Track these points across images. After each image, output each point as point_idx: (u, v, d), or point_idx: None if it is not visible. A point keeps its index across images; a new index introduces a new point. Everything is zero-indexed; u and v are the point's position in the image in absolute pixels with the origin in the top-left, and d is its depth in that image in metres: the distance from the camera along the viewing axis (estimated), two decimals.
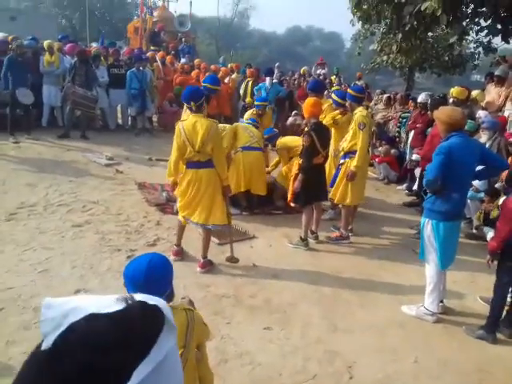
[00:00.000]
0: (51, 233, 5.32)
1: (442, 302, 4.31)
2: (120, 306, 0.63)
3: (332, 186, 5.85)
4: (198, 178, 4.62)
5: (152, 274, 1.93)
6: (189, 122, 4.53)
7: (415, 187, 7.81)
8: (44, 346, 0.60)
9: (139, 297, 0.67)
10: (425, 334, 3.99)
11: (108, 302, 0.63)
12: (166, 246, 5.29)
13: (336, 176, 5.87)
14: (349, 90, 6.12)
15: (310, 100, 5.62)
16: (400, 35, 13.62)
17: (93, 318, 0.60)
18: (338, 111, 6.32)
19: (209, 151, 4.53)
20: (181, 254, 5.04)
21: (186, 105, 4.82)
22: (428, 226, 4.09)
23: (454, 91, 7.77)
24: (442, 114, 4.05)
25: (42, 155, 8.17)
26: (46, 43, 9.64)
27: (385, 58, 16.13)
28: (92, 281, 4.37)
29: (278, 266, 4.99)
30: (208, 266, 4.84)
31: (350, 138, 5.68)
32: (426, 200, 4.19)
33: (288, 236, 5.79)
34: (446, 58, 18.08)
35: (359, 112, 5.65)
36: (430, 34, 16.06)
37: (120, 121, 11.11)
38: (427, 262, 4.18)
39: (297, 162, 5.67)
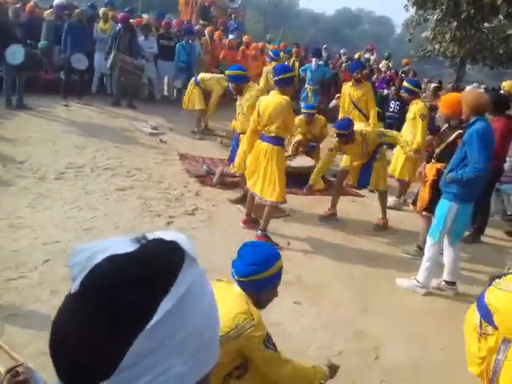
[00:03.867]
0: (96, 194, 5.56)
1: (454, 284, 4.44)
2: (135, 246, 0.64)
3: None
4: (260, 149, 4.90)
5: None
6: (266, 97, 4.96)
7: None
8: (73, 290, 0.63)
9: (156, 234, 0.68)
10: (455, 323, 4.00)
11: (126, 242, 0.65)
12: (204, 215, 5.44)
13: None
14: (405, 84, 6.45)
15: (454, 96, 4.80)
16: (455, 23, 13.22)
17: (111, 259, 0.62)
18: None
19: (273, 128, 4.77)
20: (248, 224, 5.29)
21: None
22: (454, 209, 4.15)
23: (506, 85, 7.58)
24: (469, 95, 4.20)
25: (91, 120, 8.44)
26: (101, 11, 9.85)
27: (437, 46, 15.62)
28: None
29: (312, 246, 5.07)
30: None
31: (407, 130, 6.13)
32: (448, 184, 4.20)
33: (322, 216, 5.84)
34: (501, 51, 17.35)
35: (418, 104, 6.13)
36: (486, 24, 15.44)
37: (166, 92, 11.29)
38: (434, 238, 4.27)
39: (434, 167, 4.74)
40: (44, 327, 2.91)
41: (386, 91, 10.92)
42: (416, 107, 6.13)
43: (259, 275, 2.14)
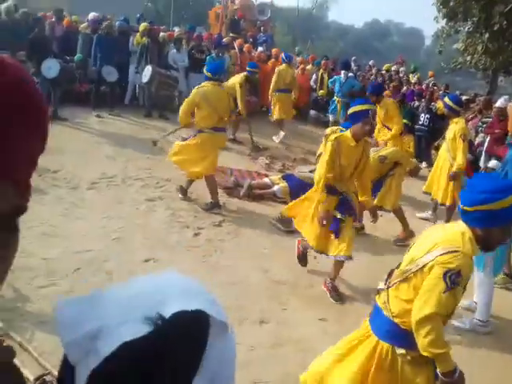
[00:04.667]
0: (127, 204, 5.69)
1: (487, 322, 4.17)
2: (149, 327, 0.56)
3: None
4: None
5: None
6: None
7: None
8: (81, 381, 0.56)
9: (175, 304, 0.59)
10: (480, 350, 3.90)
11: (133, 319, 0.57)
12: (231, 227, 5.48)
13: None
14: (446, 100, 6.28)
15: None
16: (487, 35, 12.98)
17: (128, 349, 0.55)
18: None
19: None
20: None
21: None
22: None
23: None
24: None
25: (122, 131, 8.64)
26: (142, 26, 10.08)
27: (468, 58, 15.36)
28: (161, 252, 4.65)
29: None
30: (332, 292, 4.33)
31: (446, 150, 6.01)
32: None
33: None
34: None
35: (458, 123, 5.94)
36: None
37: None
38: (483, 271, 4.03)
39: None
40: None
41: (416, 103, 10.80)
42: (457, 127, 5.91)
43: (491, 205, 1.88)
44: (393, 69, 14.58)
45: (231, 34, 14.06)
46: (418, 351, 1.99)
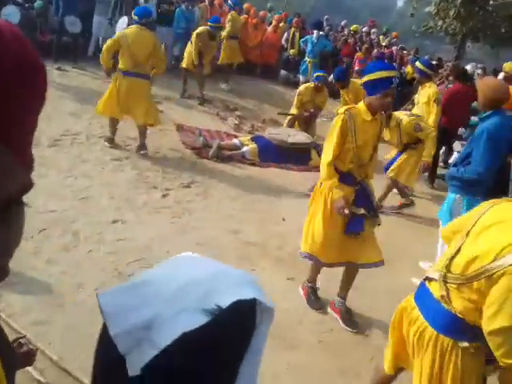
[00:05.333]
0: (92, 163, 5.53)
1: None
2: (207, 317, 0.57)
3: None
4: None
5: None
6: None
7: (451, 160, 7.69)
8: (131, 371, 0.55)
9: (230, 293, 0.60)
10: None
11: (189, 308, 0.57)
12: (200, 188, 5.44)
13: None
14: (417, 64, 6.26)
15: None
16: (459, 0, 13.00)
17: (187, 341, 0.55)
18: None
19: None
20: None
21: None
22: (458, 203, 3.98)
23: (508, 66, 7.54)
24: (486, 86, 3.77)
25: (86, 85, 8.30)
26: None
27: (439, 22, 15.39)
28: (128, 214, 4.58)
29: None
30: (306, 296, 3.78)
31: (422, 112, 5.84)
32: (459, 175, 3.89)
33: None
34: (503, 30, 17.15)
35: (431, 87, 5.95)
36: (491, 1, 15.19)
37: None
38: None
39: None
40: (40, 296, 2.93)
41: None
42: (430, 91, 5.94)
43: None
44: (364, 30, 14.46)
45: None
46: (480, 341, 1.90)
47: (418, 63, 6.41)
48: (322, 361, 3.16)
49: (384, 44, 13.25)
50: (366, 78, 3.20)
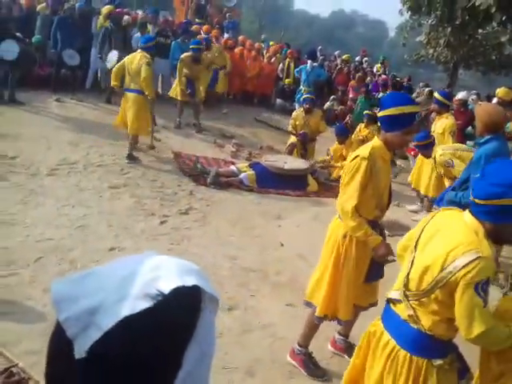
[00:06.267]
0: (89, 192, 5.53)
1: None
2: (149, 303, 0.59)
3: None
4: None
5: None
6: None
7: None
8: (77, 354, 0.57)
9: (172, 280, 0.62)
10: None
11: (133, 297, 0.59)
12: (198, 215, 5.43)
13: None
14: (436, 95, 6.38)
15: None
16: (449, 29, 13.28)
17: (129, 324, 0.58)
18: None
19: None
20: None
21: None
22: None
23: (500, 92, 7.66)
24: (483, 111, 3.85)
25: (84, 116, 8.37)
26: (106, 8, 9.71)
27: (430, 51, 15.71)
28: (126, 241, 4.55)
29: (305, 247, 5.07)
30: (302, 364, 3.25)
31: (437, 142, 5.96)
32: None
33: (317, 218, 5.85)
34: (493, 57, 17.52)
35: (448, 119, 6.05)
36: (480, 30, 15.55)
37: (160, 90, 11.22)
38: None
39: None
40: (35, 326, 2.87)
41: (381, 94, 10.99)
42: (447, 122, 6.01)
43: (505, 200, 1.72)
44: (356, 59, 14.75)
45: (197, 20, 13.83)
46: (451, 355, 1.97)
47: (436, 94, 6.47)
48: None
49: (379, 73, 13.50)
50: (385, 113, 2.78)
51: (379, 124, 3.07)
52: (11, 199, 4.96)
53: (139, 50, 6.65)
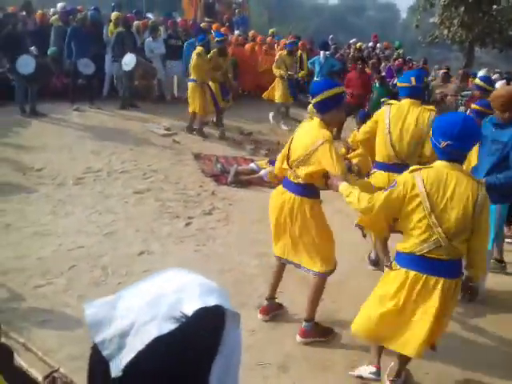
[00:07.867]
0: (115, 198, 5.66)
1: None
2: (174, 325, 0.65)
3: None
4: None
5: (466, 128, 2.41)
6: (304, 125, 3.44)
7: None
8: (113, 373, 0.64)
9: (194, 302, 0.67)
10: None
11: (159, 317, 0.65)
12: (222, 215, 5.51)
13: None
14: (477, 81, 6.09)
15: None
16: (463, 8, 13.06)
17: (157, 345, 0.63)
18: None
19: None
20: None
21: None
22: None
23: None
24: (507, 92, 3.77)
25: (103, 124, 8.53)
26: (114, 14, 9.85)
27: (445, 31, 15.45)
28: (153, 244, 4.66)
29: None
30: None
31: None
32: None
33: (341, 211, 5.86)
34: (510, 33, 17.11)
35: None
36: (494, 6, 15.21)
37: (176, 92, 11.33)
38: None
39: None
40: (74, 332, 2.97)
41: (396, 80, 10.87)
42: None
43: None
44: (369, 45, 14.59)
45: (206, 19, 13.87)
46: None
47: (477, 80, 6.23)
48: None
49: (394, 57, 13.34)
50: (318, 98, 3.16)
51: (314, 110, 3.31)
52: (42, 210, 5.13)
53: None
